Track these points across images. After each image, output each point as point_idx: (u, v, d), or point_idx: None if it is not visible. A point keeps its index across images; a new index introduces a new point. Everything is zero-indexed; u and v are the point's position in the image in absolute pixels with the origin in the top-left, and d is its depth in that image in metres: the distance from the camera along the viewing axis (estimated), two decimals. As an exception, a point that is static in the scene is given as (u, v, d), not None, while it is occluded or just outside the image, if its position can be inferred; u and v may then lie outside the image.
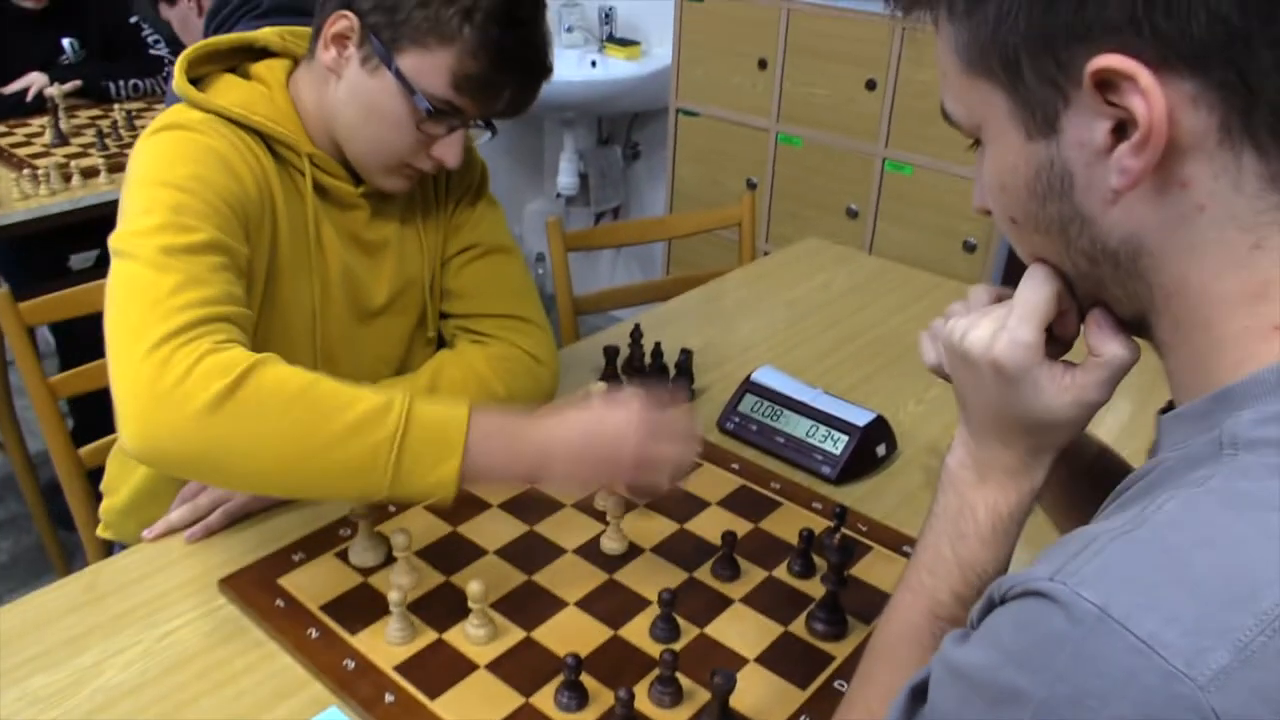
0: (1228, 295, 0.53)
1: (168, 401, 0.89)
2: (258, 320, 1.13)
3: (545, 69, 1.15)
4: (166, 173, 1.05)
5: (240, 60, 1.20)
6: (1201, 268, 0.54)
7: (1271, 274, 0.52)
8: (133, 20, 2.88)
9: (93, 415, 1.58)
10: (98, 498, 1.42)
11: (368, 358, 1.28)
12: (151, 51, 2.90)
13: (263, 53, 1.21)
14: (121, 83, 2.83)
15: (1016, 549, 0.72)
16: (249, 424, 0.90)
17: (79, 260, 2.65)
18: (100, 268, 1.53)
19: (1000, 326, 0.65)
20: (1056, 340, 0.66)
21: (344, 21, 1.10)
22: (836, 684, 0.95)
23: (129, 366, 0.91)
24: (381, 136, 1.14)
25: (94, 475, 1.47)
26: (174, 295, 0.95)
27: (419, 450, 0.92)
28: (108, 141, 2.50)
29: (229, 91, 1.15)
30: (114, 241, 1.01)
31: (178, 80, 1.12)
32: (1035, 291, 0.63)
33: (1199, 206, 0.52)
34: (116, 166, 2.34)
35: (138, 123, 2.62)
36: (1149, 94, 0.50)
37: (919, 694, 0.59)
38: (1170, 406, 0.61)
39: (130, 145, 2.48)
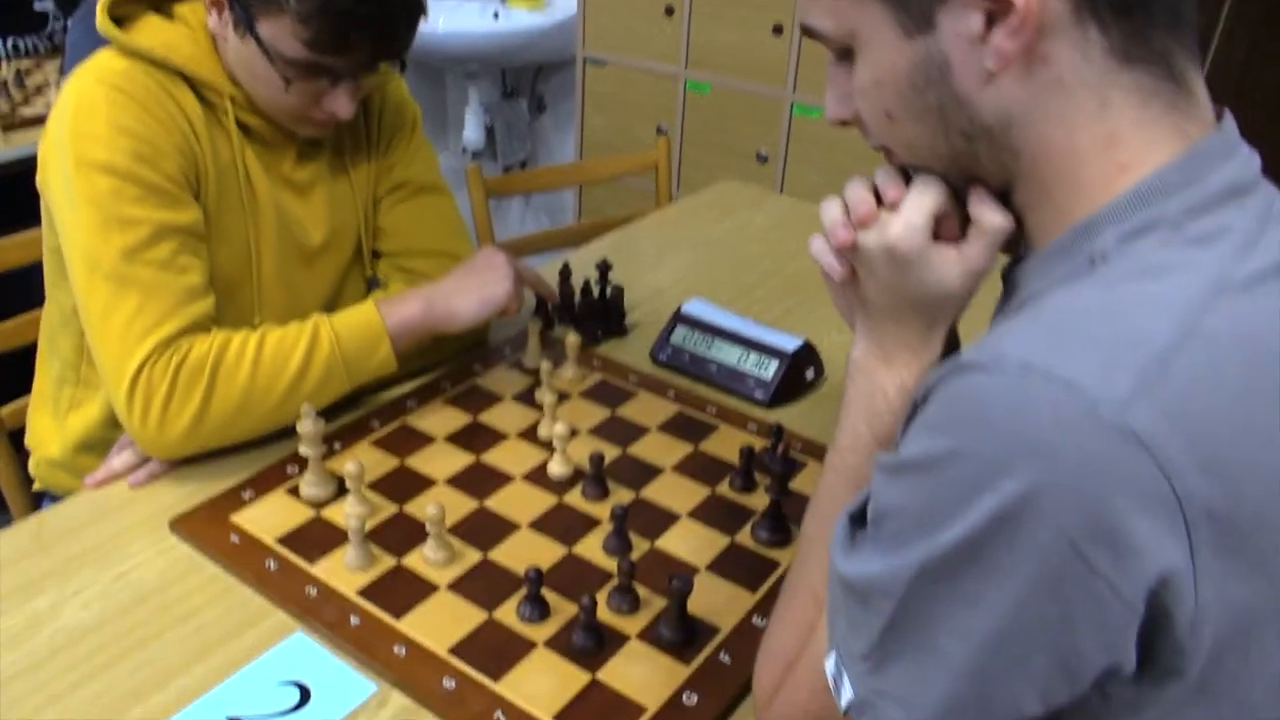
0: (1083, 148, 0.63)
1: (160, 427, 1.08)
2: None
3: (407, 11, 1.12)
4: (99, 150, 1.07)
5: (163, 1, 1.19)
6: (1061, 128, 0.63)
7: (1117, 126, 0.62)
8: None
9: (9, 372, 1.55)
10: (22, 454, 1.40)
11: (304, 297, 1.28)
12: (36, 7, 2.78)
13: None
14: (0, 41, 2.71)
15: None
16: (233, 412, 1.10)
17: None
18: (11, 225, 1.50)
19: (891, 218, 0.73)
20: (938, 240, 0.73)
21: None
22: (784, 585, 1.00)
23: (119, 401, 1.08)
24: (268, 95, 1.15)
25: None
26: (135, 320, 1.07)
27: (356, 348, 1.16)
28: (-3, 100, 2.40)
29: (153, 33, 1.15)
30: (76, 249, 1.09)
31: (100, 19, 1.11)
32: (925, 187, 0.71)
33: (1058, 78, 0.62)
34: (10, 125, 2.27)
35: (28, 80, 2.53)
36: None
37: (858, 518, 0.65)
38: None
39: (22, 104, 2.40)
